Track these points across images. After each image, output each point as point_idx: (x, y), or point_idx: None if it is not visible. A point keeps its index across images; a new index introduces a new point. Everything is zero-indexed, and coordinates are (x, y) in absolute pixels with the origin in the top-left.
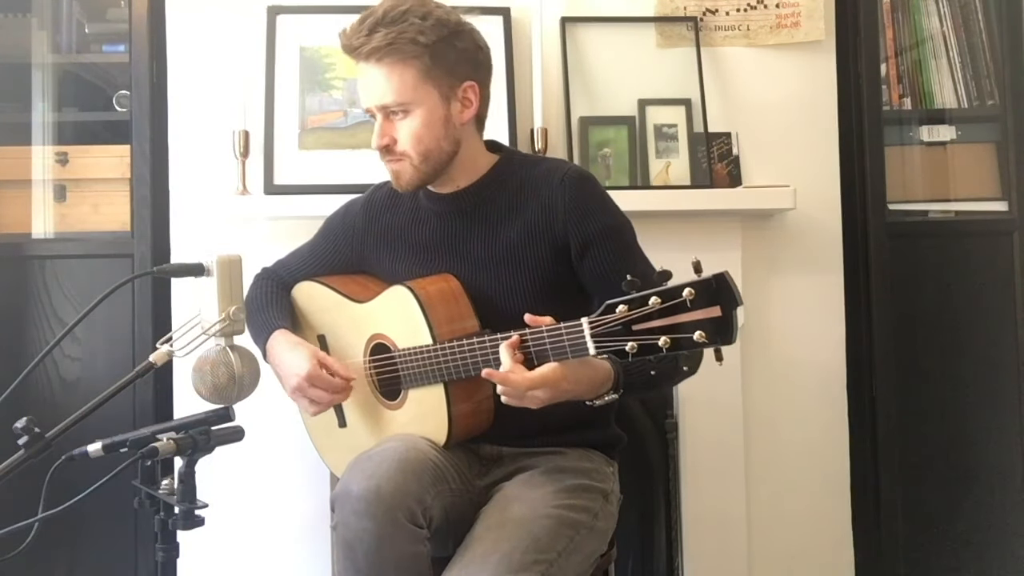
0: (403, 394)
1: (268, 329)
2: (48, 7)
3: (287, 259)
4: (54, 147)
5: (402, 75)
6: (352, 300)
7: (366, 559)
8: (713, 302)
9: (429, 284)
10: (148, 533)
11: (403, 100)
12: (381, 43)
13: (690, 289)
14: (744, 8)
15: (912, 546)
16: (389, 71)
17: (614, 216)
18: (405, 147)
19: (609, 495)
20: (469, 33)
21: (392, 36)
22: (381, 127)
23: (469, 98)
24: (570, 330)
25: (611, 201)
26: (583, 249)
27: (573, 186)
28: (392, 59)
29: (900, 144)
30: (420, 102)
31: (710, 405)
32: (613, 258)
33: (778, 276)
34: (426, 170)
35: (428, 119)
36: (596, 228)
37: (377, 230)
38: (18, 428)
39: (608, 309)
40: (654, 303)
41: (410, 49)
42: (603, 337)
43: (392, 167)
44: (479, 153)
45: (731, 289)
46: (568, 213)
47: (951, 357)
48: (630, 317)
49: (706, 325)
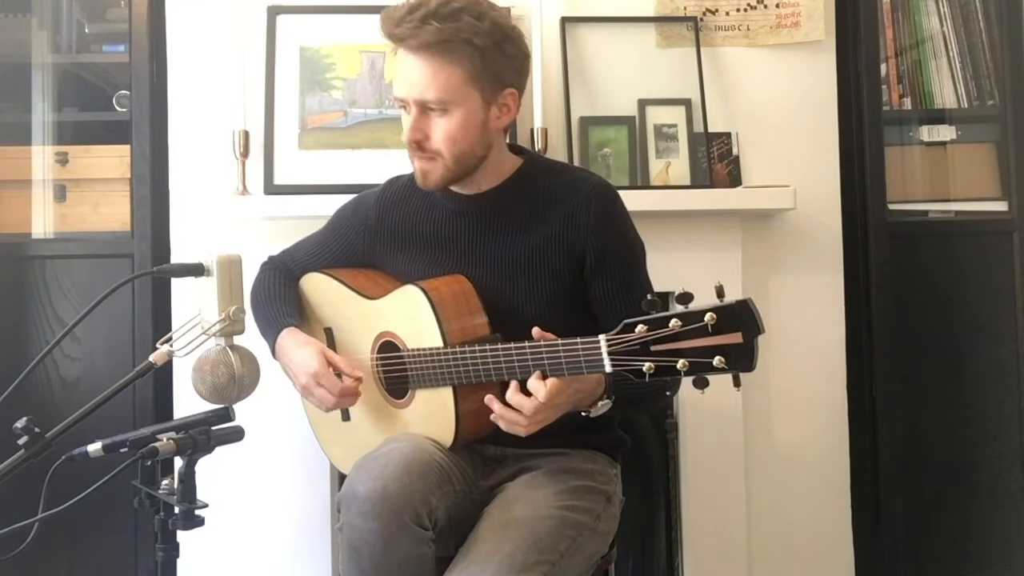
0: (410, 393)
1: (277, 326)
2: (48, 7)
3: (294, 249)
4: (54, 147)
5: (450, 74)
6: (361, 295)
7: (371, 560)
8: (735, 328)
9: (442, 285)
10: (148, 533)
11: (445, 99)
12: (434, 38)
13: (712, 314)
14: (744, 8)
15: (912, 547)
16: (438, 68)
17: (633, 238)
18: (439, 146)
19: (612, 497)
20: (519, 40)
21: (447, 33)
22: (415, 121)
23: (508, 105)
24: (587, 346)
25: (631, 221)
26: (597, 266)
27: (600, 202)
28: (443, 57)
29: (900, 144)
30: (461, 103)
31: (710, 406)
32: (623, 281)
33: (778, 276)
34: (457, 171)
35: (466, 121)
36: (614, 248)
37: (389, 226)
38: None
39: (627, 328)
40: (675, 325)
41: (463, 50)
42: (620, 356)
43: (421, 164)
44: (505, 157)
45: (754, 316)
46: (590, 228)
47: (951, 357)
48: (649, 338)
49: (726, 351)
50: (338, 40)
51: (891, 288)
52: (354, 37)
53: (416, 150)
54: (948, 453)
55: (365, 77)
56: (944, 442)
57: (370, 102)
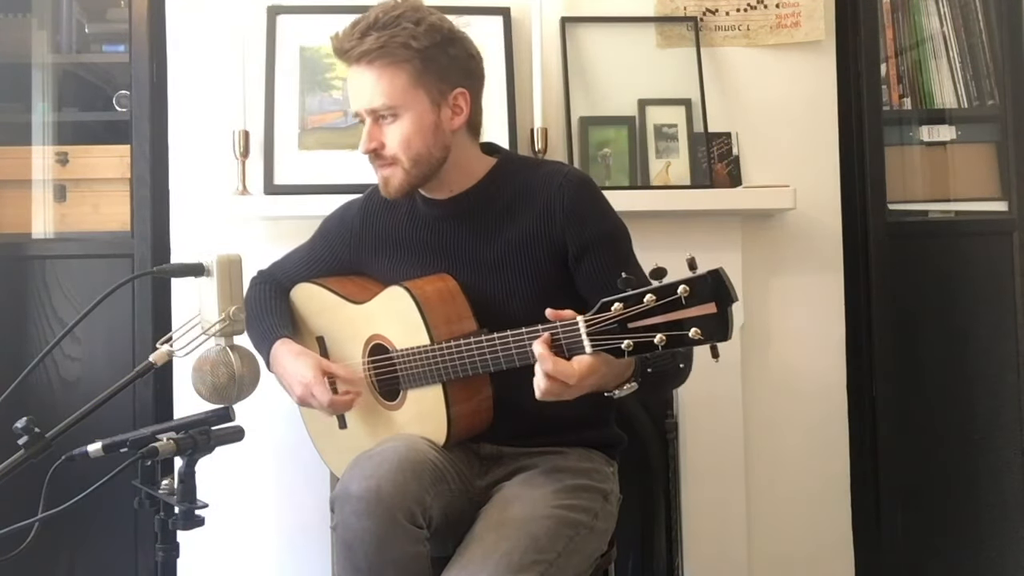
0: (402, 394)
1: (270, 338)
2: (48, 7)
3: (283, 261)
4: (54, 147)
5: (392, 79)
6: (350, 301)
7: (366, 559)
8: (709, 299)
9: (426, 284)
10: (148, 533)
11: (393, 103)
12: (372, 46)
13: (685, 286)
14: (744, 8)
15: (912, 547)
16: (379, 74)
17: (612, 222)
18: (394, 151)
19: (609, 495)
20: (461, 41)
21: (384, 39)
22: (369, 131)
23: (460, 105)
24: (566, 329)
25: (609, 206)
26: (580, 254)
27: (572, 190)
28: (383, 62)
29: (900, 144)
30: (410, 106)
31: (710, 405)
32: (609, 264)
33: (778, 276)
34: (416, 175)
35: (418, 124)
36: (594, 234)
37: (374, 233)
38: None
39: (604, 307)
40: (649, 300)
41: (401, 53)
42: (599, 336)
43: (382, 172)
44: (474, 158)
45: (726, 285)
46: (567, 218)
47: (951, 357)
48: (626, 315)
49: (702, 322)
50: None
51: (891, 288)
52: None
53: (375, 159)
54: (948, 453)
55: None
56: (944, 442)
57: None
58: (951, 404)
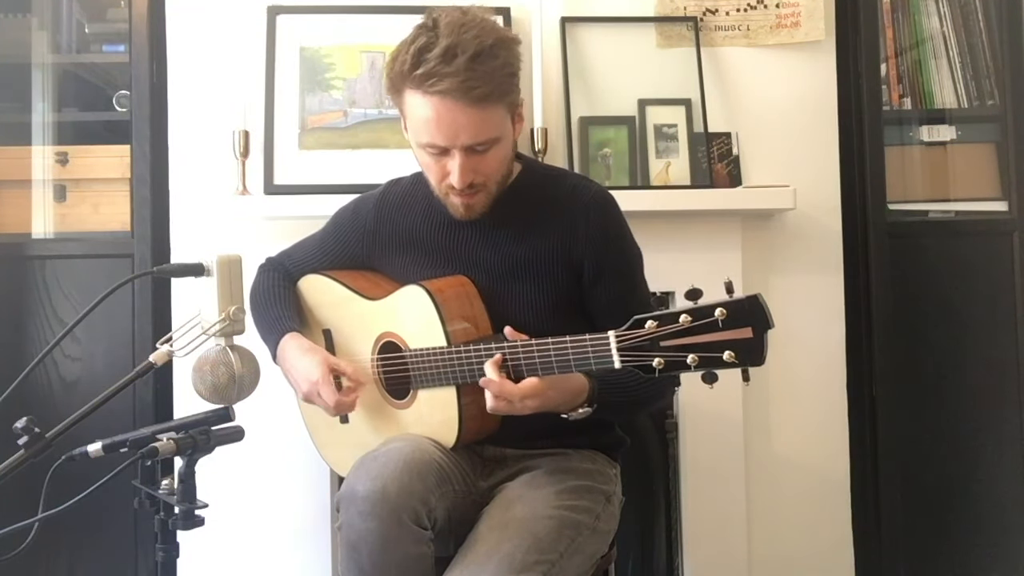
0: (412, 394)
1: (278, 330)
2: (48, 7)
3: (293, 250)
4: (54, 147)
5: (494, 112)
6: (362, 296)
7: (370, 560)
8: (745, 323)
9: (445, 286)
10: (148, 533)
11: (496, 136)
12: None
13: (722, 309)
14: (744, 8)
15: (912, 547)
16: (490, 113)
17: (631, 249)
18: (486, 178)
19: (611, 497)
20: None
21: (499, 77)
22: (465, 163)
23: (522, 115)
24: (596, 342)
25: (628, 231)
26: (596, 278)
27: (599, 213)
28: (490, 100)
29: (900, 144)
30: (506, 134)
31: (710, 406)
32: (621, 290)
33: (778, 276)
34: (497, 192)
35: (508, 147)
36: (613, 260)
37: (389, 230)
38: (18, 428)
39: (636, 324)
40: (684, 320)
41: (508, 85)
42: (630, 351)
43: (465, 200)
44: None
45: (764, 311)
46: (589, 239)
47: (951, 357)
48: (659, 333)
49: (736, 346)
50: (338, 40)
51: (891, 288)
52: (354, 37)
53: (467, 189)
54: (948, 453)
55: (365, 77)
56: (944, 442)
57: (370, 102)
58: (951, 404)
